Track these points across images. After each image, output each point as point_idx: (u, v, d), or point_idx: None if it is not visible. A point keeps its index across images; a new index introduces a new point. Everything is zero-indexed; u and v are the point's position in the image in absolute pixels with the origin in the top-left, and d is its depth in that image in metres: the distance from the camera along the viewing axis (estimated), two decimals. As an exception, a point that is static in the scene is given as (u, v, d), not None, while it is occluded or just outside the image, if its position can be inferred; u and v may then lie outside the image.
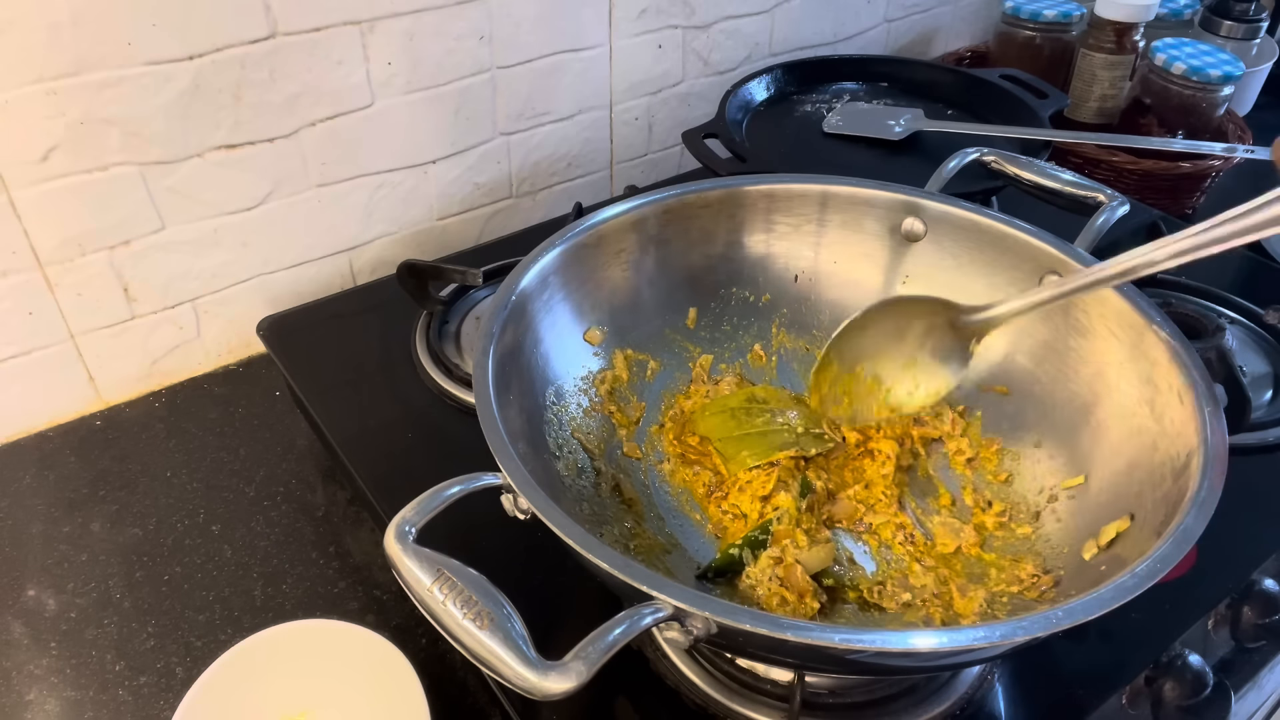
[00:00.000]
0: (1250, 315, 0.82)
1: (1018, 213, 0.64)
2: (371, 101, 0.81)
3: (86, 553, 0.67)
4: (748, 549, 0.56)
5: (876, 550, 0.58)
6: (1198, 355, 0.52)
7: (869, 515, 0.60)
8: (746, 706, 0.53)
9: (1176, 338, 0.53)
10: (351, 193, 0.84)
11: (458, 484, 0.44)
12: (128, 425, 0.78)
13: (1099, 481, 0.55)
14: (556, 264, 0.61)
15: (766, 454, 0.61)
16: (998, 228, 0.63)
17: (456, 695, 0.58)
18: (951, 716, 0.53)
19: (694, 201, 0.66)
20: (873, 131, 0.93)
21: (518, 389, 0.56)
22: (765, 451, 0.61)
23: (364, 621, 0.56)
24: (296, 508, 0.70)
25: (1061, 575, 0.52)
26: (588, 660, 0.37)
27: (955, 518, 0.59)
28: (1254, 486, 0.67)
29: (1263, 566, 0.62)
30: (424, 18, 0.80)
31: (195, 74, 0.71)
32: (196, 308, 0.81)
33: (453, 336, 0.80)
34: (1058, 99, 0.94)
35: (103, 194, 0.71)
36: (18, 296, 0.71)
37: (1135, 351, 0.55)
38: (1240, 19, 1.13)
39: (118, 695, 0.58)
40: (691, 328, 0.69)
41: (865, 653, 0.39)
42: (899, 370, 0.59)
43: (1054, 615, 0.39)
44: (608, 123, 0.99)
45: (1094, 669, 0.56)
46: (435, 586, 0.39)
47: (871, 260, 0.68)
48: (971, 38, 1.32)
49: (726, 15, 1.01)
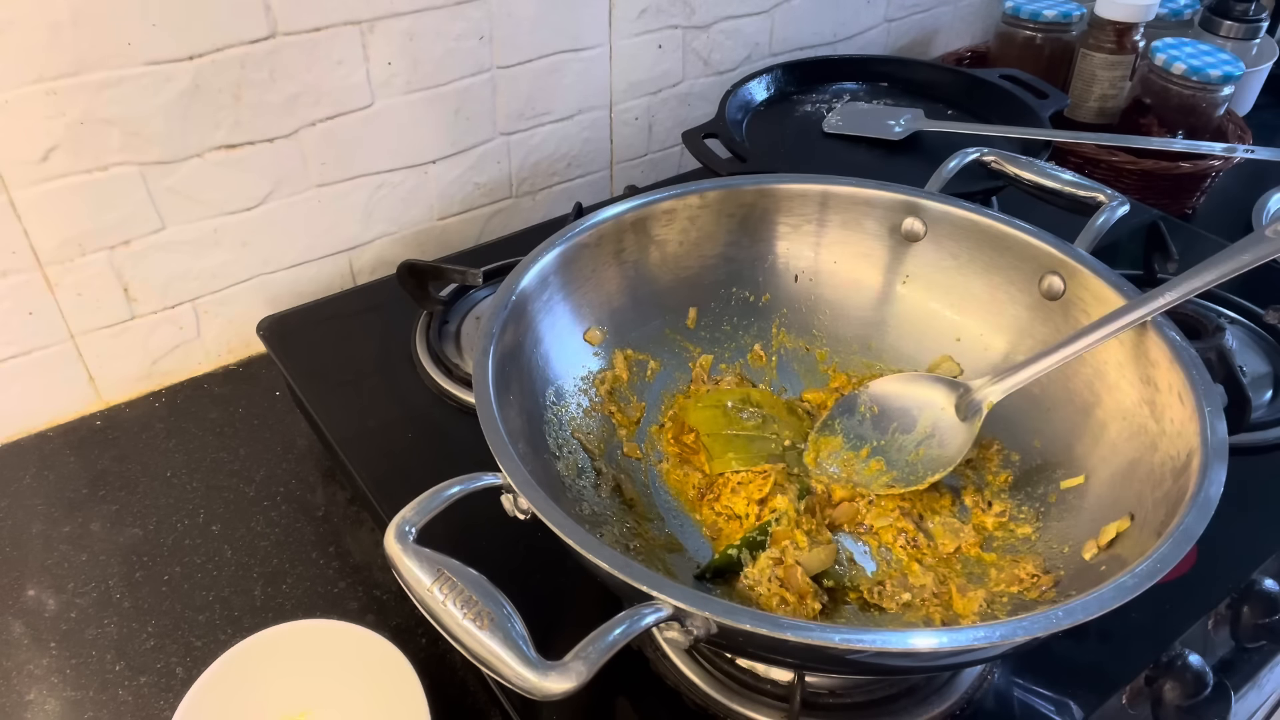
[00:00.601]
0: (1250, 315, 0.82)
1: (1018, 213, 0.64)
2: (371, 101, 0.81)
3: (86, 553, 0.67)
4: (746, 550, 0.55)
5: (876, 550, 0.58)
6: (1198, 355, 0.52)
7: (869, 517, 0.60)
8: (746, 706, 0.53)
9: (1177, 338, 0.53)
10: (351, 193, 0.84)
11: (458, 484, 0.44)
12: (128, 425, 0.78)
13: (1099, 481, 0.55)
14: (556, 264, 0.61)
15: (750, 462, 0.61)
16: (998, 228, 0.63)
17: (456, 695, 0.58)
18: (952, 716, 0.53)
19: (694, 202, 0.66)
20: (873, 131, 0.93)
21: (518, 389, 0.56)
22: (750, 459, 0.61)
23: (364, 621, 0.56)
24: (296, 508, 0.70)
25: (1062, 575, 0.52)
26: (588, 660, 0.37)
27: (955, 518, 0.59)
28: (1254, 486, 0.67)
29: (1263, 566, 0.62)
30: (424, 18, 0.80)
31: (195, 74, 0.71)
32: (196, 308, 0.81)
33: (453, 336, 0.80)
34: (1058, 99, 0.94)
35: (103, 194, 0.71)
36: (18, 296, 0.71)
37: (1135, 351, 0.55)
38: (1240, 19, 1.13)
39: (118, 695, 0.58)
40: (691, 328, 0.69)
41: (865, 653, 0.39)
42: (904, 459, 0.60)
43: (1054, 615, 0.39)
44: (608, 123, 0.99)
45: (1094, 669, 0.56)
46: (435, 586, 0.39)
47: (871, 260, 0.68)
48: (971, 38, 1.32)
49: (726, 15, 1.01)
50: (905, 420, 0.62)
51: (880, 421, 0.62)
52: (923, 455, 0.60)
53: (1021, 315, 0.63)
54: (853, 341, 0.69)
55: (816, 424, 0.64)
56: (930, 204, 0.66)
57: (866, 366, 0.68)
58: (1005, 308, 0.64)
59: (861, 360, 0.69)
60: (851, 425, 0.63)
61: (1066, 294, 0.60)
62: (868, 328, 0.69)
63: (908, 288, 0.68)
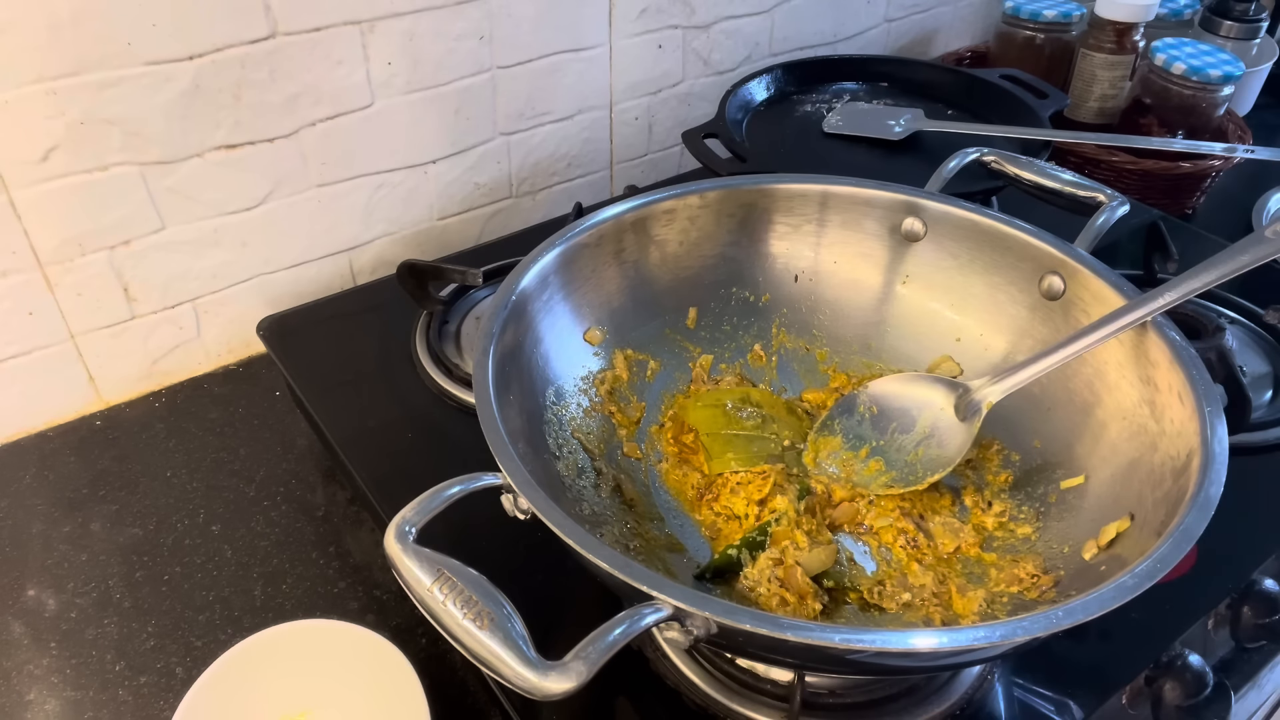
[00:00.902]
0: (1250, 315, 0.82)
1: (1018, 213, 0.64)
2: (371, 101, 0.81)
3: (87, 552, 0.67)
4: (745, 550, 0.55)
5: (876, 550, 0.58)
6: (1198, 355, 0.52)
7: (869, 517, 0.60)
8: (746, 706, 0.53)
9: (1177, 338, 0.53)
10: (351, 193, 0.84)
11: (458, 484, 0.44)
12: (128, 425, 0.78)
13: (1099, 481, 0.55)
14: (556, 264, 0.61)
15: (750, 462, 0.61)
16: (998, 228, 0.63)
17: (456, 695, 0.58)
18: (952, 717, 0.53)
19: (694, 202, 0.66)
20: (873, 131, 0.93)
21: (518, 389, 0.56)
22: (749, 459, 0.61)
23: (364, 621, 0.56)
24: (296, 508, 0.70)
25: (1062, 575, 0.52)
26: (588, 660, 0.37)
27: (955, 518, 0.59)
28: (1254, 487, 0.67)
29: (1262, 566, 0.62)
30: (424, 18, 0.80)
31: (195, 74, 0.71)
32: (196, 308, 0.81)
33: (453, 336, 0.80)
34: (1058, 99, 0.94)
35: (103, 194, 0.71)
36: (18, 296, 0.71)
37: (1135, 351, 0.55)
38: (1240, 19, 1.13)
39: (118, 695, 0.58)
40: (692, 328, 0.69)
41: (866, 653, 0.39)
42: (903, 459, 0.60)
43: (1054, 615, 0.39)
44: (608, 123, 0.99)
45: (1094, 669, 0.56)
46: (435, 586, 0.39)
47: (871, 260, 0.68)
48: (971, 38, 1.32)
49: (726, 15, 1.01)
50: (904, 420, 0.62)
51: (879, 422, 0.62)
52: (922, 455, 0.60)
53: (1021, 315, 0.63)
54: (853, 341, 0.69)
55: (816, 424, 0.64)
56: (930, 204, 0.66)
57: (866, 366, 0.69)
58: (1005, 308, 0.64)
59: (861, 360, 0.69)
60: (851, 425, 0.63)
61: (1066, 294, 0.60)
62: (868, 328, 0.69)
63: (908, 288, 0.68)
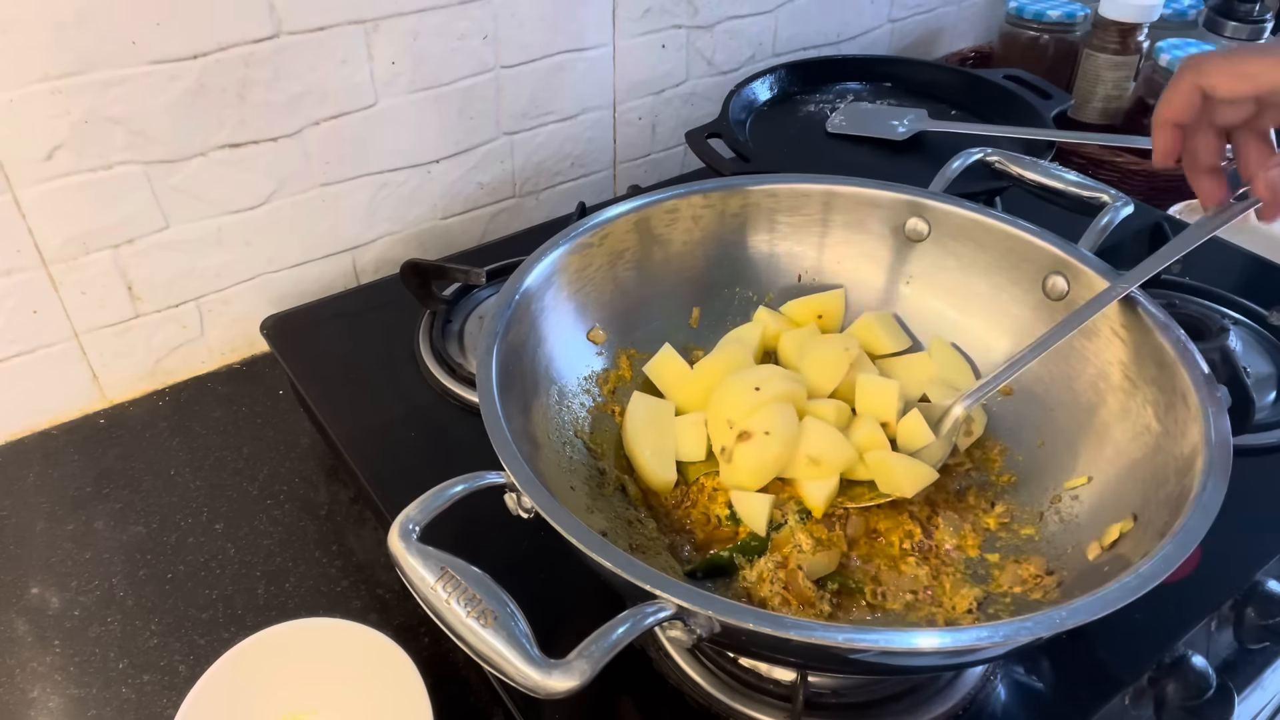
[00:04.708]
0: (1254, 316, 0.81)
1: (1021, 213, 0.64)
2: (375, 101, 0.81)
3: (90, 551, 0.67)
4: (739, 554, 0.55)
5: (877, 552, 0.58)
6: (1202, 356, 0.52)
7: (875, 521, 0.59)
8: (749, 706, 0.53)
9: (1181, 338, 0.53)
10: (355, 192, 0.84)
11: (461, 483, 0.44)
12: (131, 424, 0.78)
13: (1102, 482, 0.55)
14: (560, 263, 0.61)
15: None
16: (1001, 228, 0.63)
17: (459, 694, 0.58)
18: (954, 717, 0.53)
19: (697, 201, 0.66)
20: (876, 132, 0.93)
21: (521, 388, 0.56)
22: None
23: (367, 620, 0.56)
24: (300, 506, 0.70)
25: (1065, 575, 0.52)
26: (591, 659, 0.37)
27: (958, 518, 0.59)
28: (1258, 488, 0.67)
29: (1266, 567, 0.62)
30: (428, 17, 0.80)
31: (200, 73, 0.71)
32: (200, 306, 0.81)
33: (456, 336, 0.80)
34: (1062, 99, 0.94)
35: (107, 193, 0.71)
36: (22, 295, 0.72)
37: (1139, 352, 0.55)
38: (1244, 19, 1.13)
39: (121, 693, 0.58)
40: (695, 327, 0.69)
41: (869, 652, 0.39)
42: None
43: (1057, 615, 0.39)
44: (611, 122, 0.99)
45: (1097, 669, 0.56)
46: (439, 585, 0.39)
47: (875, 260, 0.68)
48: (975, 38, 1.32)
49: (730, 15, 1.01)
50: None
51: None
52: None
53: (1025, 316, 0.63)
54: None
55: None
56: (934, 204, 0.66)
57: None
58: (1009, 308, 0.64)
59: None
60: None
61: (1070, 294, 0.60)
62: (871, 328, 0.69)
63: (911, 288, 0.68)
